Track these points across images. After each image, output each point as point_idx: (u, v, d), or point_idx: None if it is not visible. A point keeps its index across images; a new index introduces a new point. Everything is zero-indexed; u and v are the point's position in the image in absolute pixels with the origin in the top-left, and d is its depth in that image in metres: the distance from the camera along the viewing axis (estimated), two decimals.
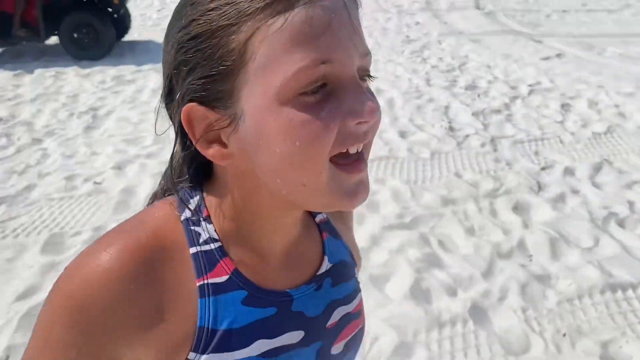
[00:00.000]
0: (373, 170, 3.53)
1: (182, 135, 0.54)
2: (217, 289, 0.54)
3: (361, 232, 2.79)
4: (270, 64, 0.46)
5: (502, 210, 3.06)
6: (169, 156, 0.59)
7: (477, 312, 2.27)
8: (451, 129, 4.28)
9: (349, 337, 0.65)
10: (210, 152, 0.52)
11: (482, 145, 3.95)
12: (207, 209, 0.56)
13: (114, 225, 1.70)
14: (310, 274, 0.62)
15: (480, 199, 3.17)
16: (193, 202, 0.56)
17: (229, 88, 0.48)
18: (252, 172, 0.53)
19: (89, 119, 4.66)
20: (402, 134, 4.12)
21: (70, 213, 3.22)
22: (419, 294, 2.36)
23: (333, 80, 0.48)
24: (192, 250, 0.54)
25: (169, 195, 0.59)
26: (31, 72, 5.88)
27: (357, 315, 0.66)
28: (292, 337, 0.58)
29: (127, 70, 5.95)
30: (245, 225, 0.56)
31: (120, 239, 0.51)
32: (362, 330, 0.68)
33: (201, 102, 0.50)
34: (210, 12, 0.47)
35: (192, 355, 0.52)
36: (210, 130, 0.50)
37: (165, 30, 0.54)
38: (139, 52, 6.73)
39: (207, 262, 0.54)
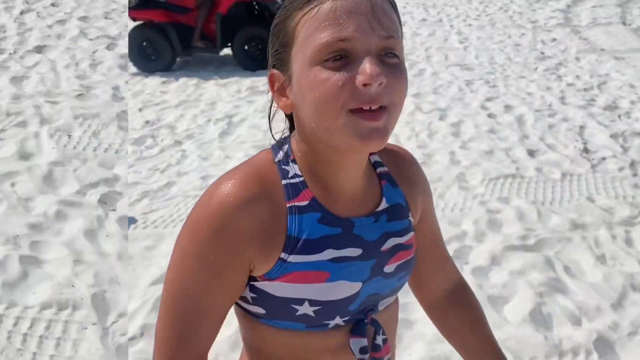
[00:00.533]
0: (497, 188, 3.44)
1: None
2: (300, 210, 0.74)
3: (481, 249, 2.75)
4: (306, 40, 0.67)
5: (638, 240, 2.84)
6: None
7: (603, 345, 2.12)
8: (586, 150, 4.03)
9: (400, 262, 0.82)
10: (281, 103, 0.74)
11: (620, 169, 3.68)
12: (293, 153, 0.77)
13: None
14: (370, 210, 0.80)
15: (614, 226, 2.95)
16: (284, 148, 0.78)
17: (287, 57, 0.71)
18: (301, 120, 0.73)
19: (224, 125, 5.02)
20: (531, 153, 3.96)
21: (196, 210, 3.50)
22: (539, 319, 2.26)
23: (351, 54, 0.66)
24: (284, 182, 0.75)
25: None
26: (177, 79, 6.45)
27: (409, 247, 0.84)
28: (353, 252, 0.77)
29: (260, 82, 6.31)
30: (317, 165, 0.76)
31: (238, 174, 0.74)
32: (413, 259, 0.85)
33: (276, 67, 0.74)
34: (283, 8, 0.72)
35: (283, 254, 0.73)
36: (281, 87, 0.73)
37: None
38: None
39: (293, 191, 0.75)
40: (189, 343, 0.74)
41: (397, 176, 0.87)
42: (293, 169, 0.77)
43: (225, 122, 5.09)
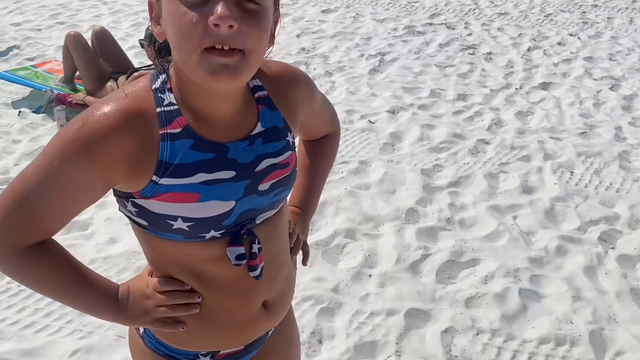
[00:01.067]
0: None
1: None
2: (173, 136, 0.81)
3: (632, 237, 2.88)
4: None
5: None
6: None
7: None
8: None
9: (275, 180, 0.91)
10: (156, 31, 0.81)
11: None
12: (170, 82, 0.83)
13: (378, 162, 3.57)
14: (245, 134, 0.87)
15: None
16: (161, 77, 0.84)
17: None
18: (172, 52, 0.79)
19: (376, 62, 5.07)
20: None
21: (344, 143, 3.72)
22: None
23: None
24: (158, 110, 0.81)
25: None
26: (336, 10, 6.45)
27: (284, 165, 0.92)
28: (226, 174, 0.85)
29: (419, 22, 6.26)
30: (190, 94, 0.82)
31: (114, 104, 0.79)
32: (290, 176, 0.94)
33: None
34: None
35: (154, 177, 0.81)
36: (157, 16, 0.80)
37: None
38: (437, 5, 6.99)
39: (167, 118, 0.81)
40: (18, 227, 0.81)
41: (276, 98, 0.93)
42: (169, 97, 0.82)
43: (377, 59, 5.13)
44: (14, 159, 3.47)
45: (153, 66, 3.61)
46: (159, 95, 0.83)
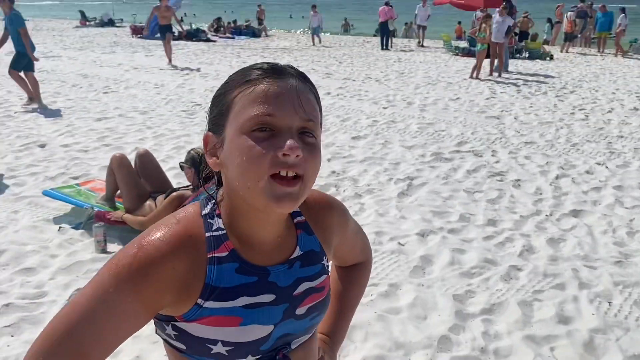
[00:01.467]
0: None
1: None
2: (220, 260, 0.85)
3: None
4: (240, 111, 0.82)
5: None
6: None
7: None
8: None
9: (312, 304, 0.94)
10: (211, 162, 0.87)
11: None
12: (219, 208, 0.88)
13: (407, 286, 3.39)
14: (286, 257, 0.91)
15: None
16: (210, 203, 0.89)
17: (223, 123, 0.85)
18: (228, 179, 0.85)
19: (405, 186, 5.19)
20: None
21: (374, 265, 3.66)
22: None
23: (275, 128, 0.80)
24: (207, 235, 0.86)
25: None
26: (365, 137, 6.90)
27: (320, 290, 0.95)
28: (266, 297, 0.87)
29: (446, 149, 6.54)
30: (238, 220, 0.87)
31: (167, 230, 0.84)
32: (324, 300, 0.97)
33: (211, 130, 0.88)
34: (224, 84, 0.88)
35: (199, 300, 0.83)
36: (213, 148, 0.86)
37: None
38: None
39: (215, 243, 0.85)
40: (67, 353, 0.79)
41: (312, 223, 0.98)
42: (217, 222, 0.87)
43: (406, 183, 5.26)
44: (49, 273, 3.55)
45: (190, 186, 3.78)
46: (208, 220, 0.88)
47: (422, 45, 20.07)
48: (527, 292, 3.50)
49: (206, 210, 0.89)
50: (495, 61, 12.87)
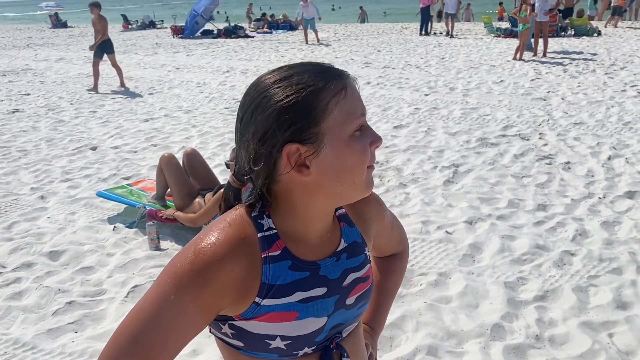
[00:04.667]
0: None
1: (268, 165, 0.86)
2: (273, 259, 0.88)
3: None
4: (343, 116, 0.85)
5: None
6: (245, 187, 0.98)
7: None
8: None
9: (359, 293, 0.98)
10: (304, 173, 0.85)
11: None
12: (267, 210, 0.91)
13: (457, 274, 3.33)
14: (333, 251, 0.95)
15: None
16: (258, 205, 0.91)
17: (317, 131, 0.84)
18: (316, 182, 0.86)
19: (450, 173, 5.13)
20: None
21: (422, 254, 3.66)
22: None
23: (364, 124, 0.88)
24: (259, 235, 0.88)
25: (237, 203, 0.96)
26: (408, 126, 6.72)
27: (366, 279, 0.99)
28: (319, 291, 0.91)
29: (491, 134, 6.45)
30: (291, 220, 0.90)
31: (221, 233, 0.86)
32: (370, 289, 1.01)
33: (296, 141, 0.83)
34: (298, 91, 0.84)
35: (257, 299, 0.86)
36: (301, 159, 0.85)
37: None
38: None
39: (267, 242, 0.88)
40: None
41: (353, 215, 1.03)
42: (267, 223, 0.89)
43: (451, 171, 5.20)
44: (107, 271, 3.69)
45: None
46: (259, 221, 0.90)
47: (452, 36, 17.76)
48: (581, 277, 3.41)
49: (255, 212, 0.91)
50: (540, 41, 12.49)
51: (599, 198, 4.58)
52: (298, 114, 0.83)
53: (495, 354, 2.73)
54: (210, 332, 0.97)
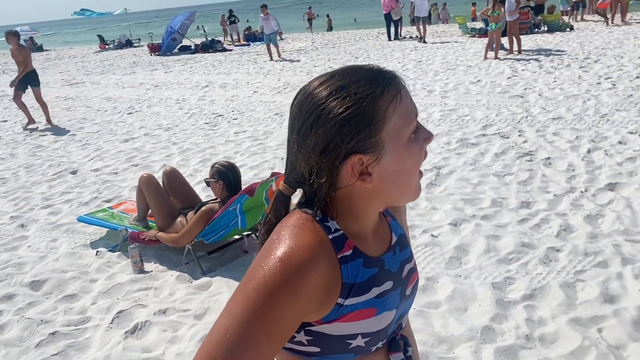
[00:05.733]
0: None
1: (331, 177, 0.86)
2: (347, 259, 0.88)
3: None
4: (401, 122, 0.86)
5: None
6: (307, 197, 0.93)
7: None
8: None
9: (414, 283, 1.02)
10: (367, 180, 0.86)
11: None
12: (329, 213, 0.90)
13: (445, 278, 3.34)
14: (388, 245, 0.98)
15: None
16: (317, 209, 0.90)
17: (377, 138, 0.84)
18: (377, 187, 0.87)
19: (432, 176, 5.13)
20: None
21: None
22: None
23: (418, 125, 0.89)
24: (330, 237, 0.87)
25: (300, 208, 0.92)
26: None
27: (415, 269, 1.03)
28: (388, 285, 0.93)
29: (471, 134, 6.46)
30: (353, 219, 0.91)
31: (296, 239, 0.84)
32: (418, 279, 1.06)
33: (357, 152, 0.84)
34: (356, 102, 0.84)
35: (339, 300, 0.86)
36: (363, 172, 0.86)
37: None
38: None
39: (339, 243, 0.88)
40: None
41: (392, 210, 1.07)
42: (332, 225, 0.89)
43: (434, 173, 5.19)
44: (91, 297, 3.62)
45: (218, 200, 3.81)
46: (325, 224, 0.89)
47: (425, 41, 16.73)
48: (568, 273, 3.42)
49: (319, 216, 0.90)
50: (514, 39, 12.63)
51: (581, 192, 4.60)
52: (359, 125, 0.83)
53: (486, 358, 2.72)
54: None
